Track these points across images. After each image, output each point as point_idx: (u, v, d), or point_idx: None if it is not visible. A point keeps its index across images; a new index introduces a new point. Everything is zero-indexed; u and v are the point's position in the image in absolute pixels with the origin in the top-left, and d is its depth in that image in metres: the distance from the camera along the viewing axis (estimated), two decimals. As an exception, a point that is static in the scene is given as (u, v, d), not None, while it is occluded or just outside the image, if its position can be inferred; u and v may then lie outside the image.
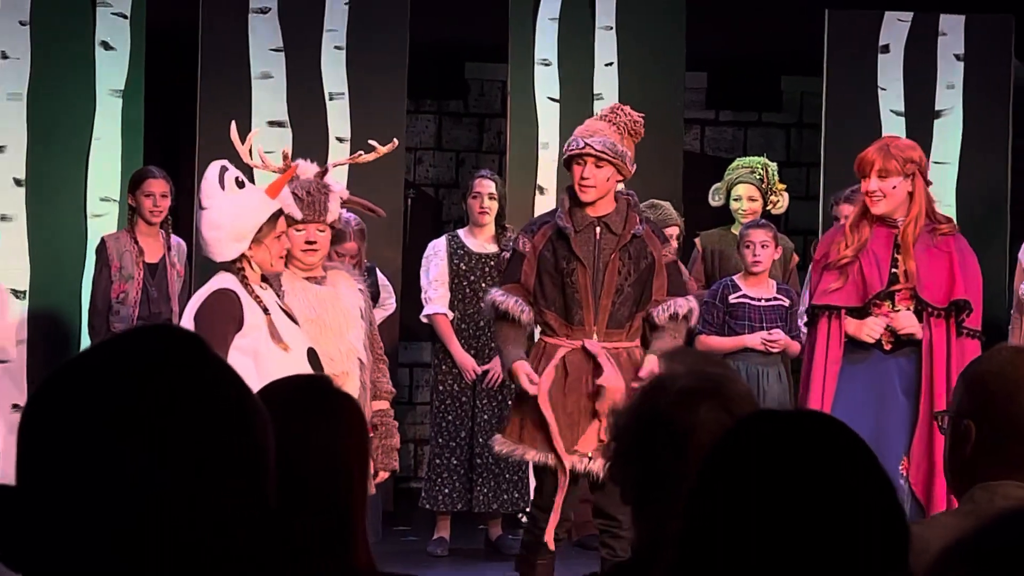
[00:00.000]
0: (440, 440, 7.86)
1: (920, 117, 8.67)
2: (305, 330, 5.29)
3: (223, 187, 5.14)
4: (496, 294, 5.77)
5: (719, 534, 1.48)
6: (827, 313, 5.73)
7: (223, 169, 5.17)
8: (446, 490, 7.89)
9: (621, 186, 6.01)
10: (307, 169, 5.62)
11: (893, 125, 8.62)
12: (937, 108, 8.73)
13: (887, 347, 5.71)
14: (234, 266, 5.13)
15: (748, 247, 7.26)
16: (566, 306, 5.69)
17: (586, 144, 5.69)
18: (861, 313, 5.71)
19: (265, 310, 5.06)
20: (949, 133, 8.71)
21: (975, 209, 8.57)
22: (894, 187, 5.68)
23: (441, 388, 7.89)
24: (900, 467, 5.58)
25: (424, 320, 7.96)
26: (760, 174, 7.86)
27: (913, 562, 1.53)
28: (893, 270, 5.70)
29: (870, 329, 5.68)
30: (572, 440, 5.67)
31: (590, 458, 5.65)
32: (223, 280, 5.12)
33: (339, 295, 5.49)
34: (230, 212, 5.11)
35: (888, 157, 5.69)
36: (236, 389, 1.31)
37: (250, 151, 5.69)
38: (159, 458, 1.24)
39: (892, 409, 5.61)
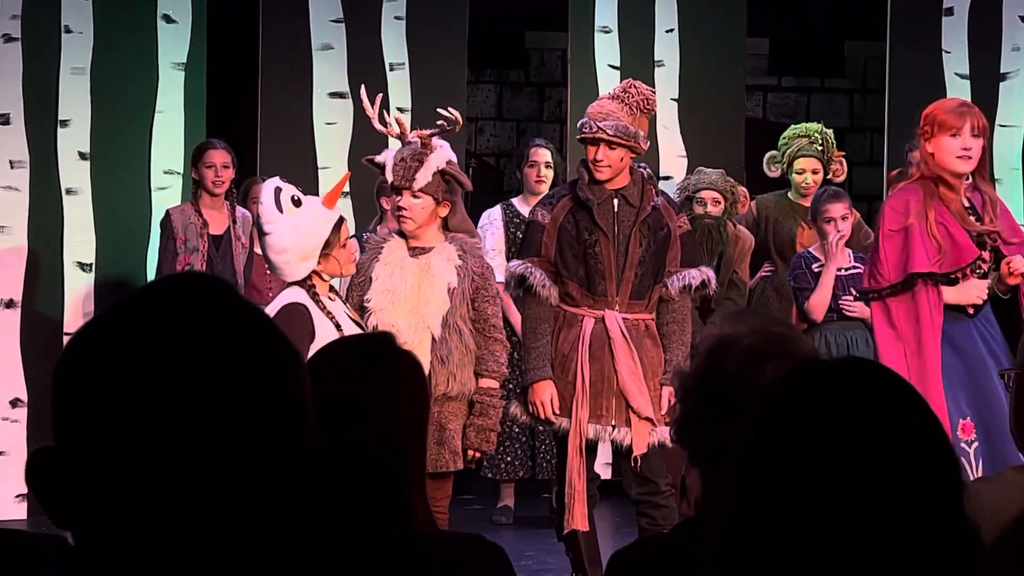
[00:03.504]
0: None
1: (985, 80, 8.58)
2: (378, 296, 5.35)
3: (280, 209, 5.17)
4: (520, 267, 5.78)
5: (773, 484, 1.47)
6: (925, 282, 5.62)
7: (277, 190, 5.20)
8: (508, 458, 7.91)
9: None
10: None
11: (958, 88, 8.53)
12: (1003, 71, 8.63)
13: (971, 311, 5.64)
14: (305, 281, 5.19)
15: (830, 223, 7.15)
16: (588, 277, 5.73)
17: (598, 128, 5.71)
18: (946, 280, 5.62)
19: (337, 325, 5.12)
20: (1015, 96, 8.61)
21: (1042, 172, 8.48)
22: (984, 147, 5.60)
23: (501, 356, 7.90)
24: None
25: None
26: (820, 145, 7.80)
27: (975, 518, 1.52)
28: (978, 233, 5.63)
29: (979, 291, 5.57)
30: (594, 408, 5.70)
31: (614, 427, 5.69)
32: (292, 295, 5.18)
33: (430, 268, 5.49)
34: (292, 234, 5.16)
35: (979, 115, 5.58)
36: (271, 331, 1.31)
37: (380, 116, 5.74)
38: (203, 400, 1.25)
39: (983, 373, 5.52)
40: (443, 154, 5.57)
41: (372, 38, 8.34)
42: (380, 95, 5.99)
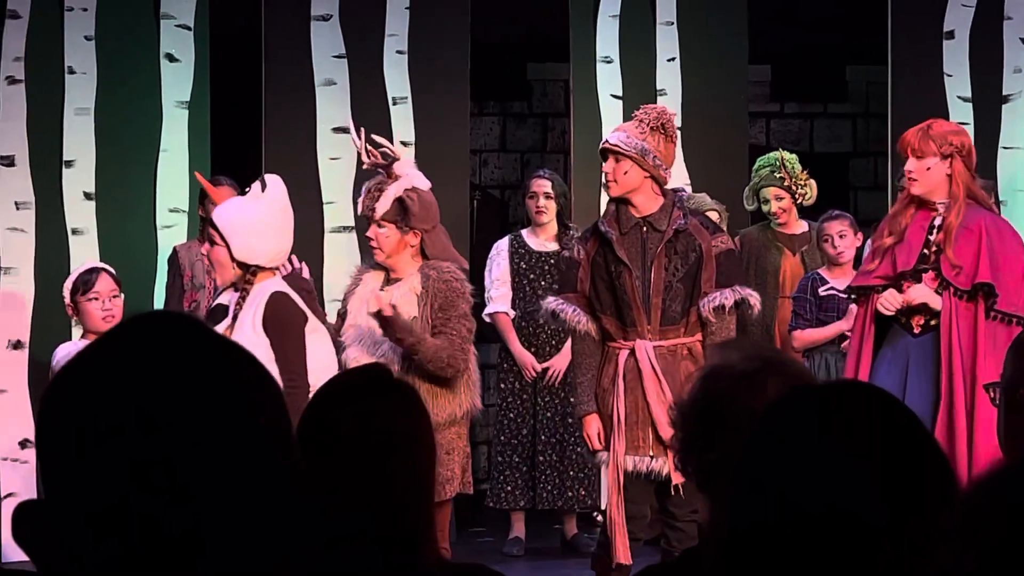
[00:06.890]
0: (503, 438, 7.92)
1: (988, 103, 8.58)
2: (348, 332, 5.63)
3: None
4: (553, 302, 5.85)
5: (767, 505, 1.47)
6: (864, 295, 5.74)
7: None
8: (508, 487, 7.91)
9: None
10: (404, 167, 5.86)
11: (960, 112, 8.54)
12: (1005, 93, 8.63)
13: (916, 330, 5.67)
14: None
15: (827, 240, 7.34)
16: (619, 309, 5.76)
17: (605, 140, 5.87)
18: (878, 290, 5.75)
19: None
20: (1018, 117, 8.61)
21: (1047, 193, 8.47)
22: (928, 168, 5.66)
23: (503, 386, 7.95)
24: None
25: (486, 319, 7.98)
26: (780, 173, 7.87)
27: None
28: (924, 251, 5.67)
29: (885, 300, 5.65)
30: (631, 440, 5.70)
31: (652, 457, 5.69)
32: (274, 284, 5.36)
33: (392, 303, 5.63)
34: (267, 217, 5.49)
35: (925, 138, 5.70)
36: (247, 365, 1.30)
37: (366, 148, 5.95)
38: (182, 448, 1.23)
39: (910, 390, 5.57)
40: (404, 182, 5.77)
41: (374, 73, 8.36)
42: (363, 130, 6.10)
